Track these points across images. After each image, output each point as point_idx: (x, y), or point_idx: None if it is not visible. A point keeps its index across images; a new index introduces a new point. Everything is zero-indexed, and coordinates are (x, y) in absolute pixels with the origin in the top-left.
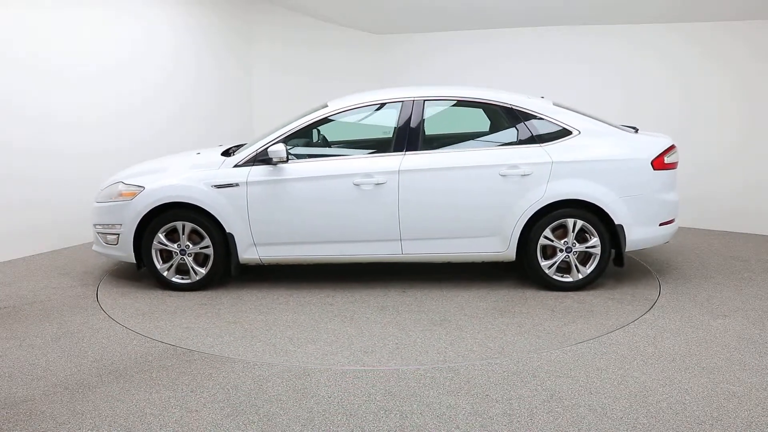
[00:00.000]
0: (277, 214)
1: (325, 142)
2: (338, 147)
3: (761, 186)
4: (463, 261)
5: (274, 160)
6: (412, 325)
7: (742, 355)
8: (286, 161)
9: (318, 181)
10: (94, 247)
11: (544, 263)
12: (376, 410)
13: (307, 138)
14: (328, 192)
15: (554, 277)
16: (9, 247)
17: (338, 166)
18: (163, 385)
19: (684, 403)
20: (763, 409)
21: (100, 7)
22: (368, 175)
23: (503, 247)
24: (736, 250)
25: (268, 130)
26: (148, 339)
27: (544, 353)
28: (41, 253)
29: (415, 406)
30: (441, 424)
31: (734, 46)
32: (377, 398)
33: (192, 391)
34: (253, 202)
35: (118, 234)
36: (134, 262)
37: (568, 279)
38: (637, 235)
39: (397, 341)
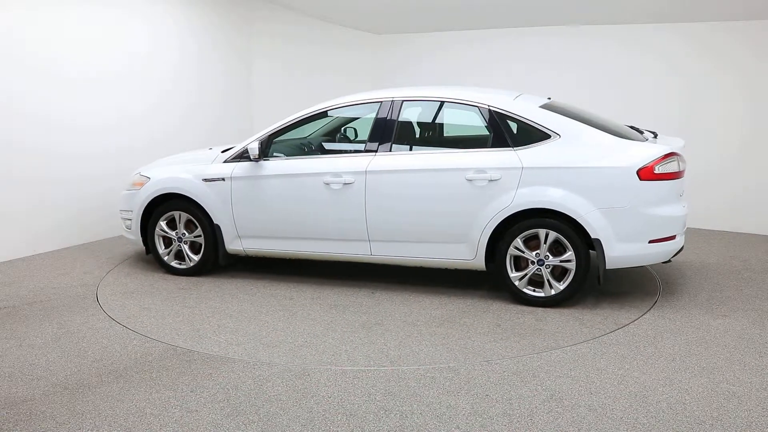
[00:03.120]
0: (256, 208)
1: (345, 140)
2: (325, 146)
3: (761, 186)
4: (432, 267)
5: (251, 157)
6: (340, 326)
7: (742, 355)
8: (260, 159)
9: (291, 178)
10: (122, 232)
11: (513, 275)
12: (376, 410)
13: (303, 136)
14: (301, 190)
15: (525, 290)
16: (9, 247)
17: (311, 164)
18: (163, 385)
19: (684, 403)
20: (763, 409)
21: (100, 5)
22: (337, 174)
23: (471, 255)
24: (736, 250)
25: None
26: (149, 339)
27: (544, 354)
28: (41, 253)
29: (415, 406)
30: (441, 424)
31: (734, 47)
32: (377, 398)
33: (192, 391)
34: (236, 196)
35: (131, 220)
36: (143, 246)
37: (540, 294)
38: (620, 252)
39: (307, 339)
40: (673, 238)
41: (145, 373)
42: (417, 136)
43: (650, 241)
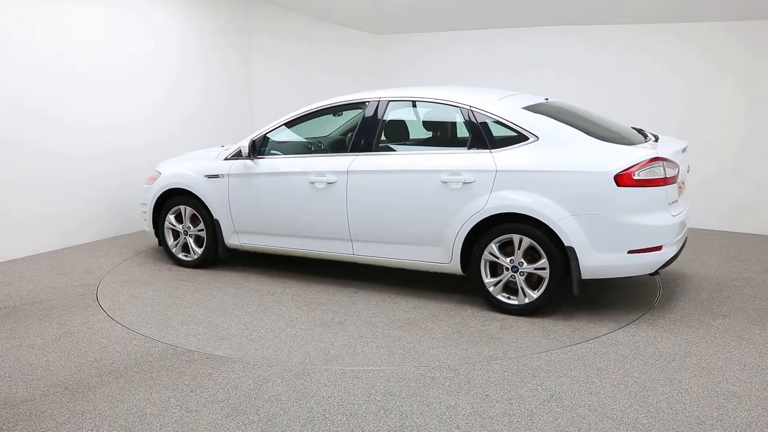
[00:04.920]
0: (249, 205)
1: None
2: (333, 145)
3: (762, 186)
4: (411, 268)
5: (243, 155)
6: (301, 323)
7: (742, 355)
8: (250, 157)
9: (280, 177)
10: (143, 224)
11: (488, 281)
12: (376, 410)
13: (322, 134)
14: (289, 188)
15: (499, 297)
16: (9, 247)
17: (299, 163)
18: (163, 385)
19: (684, 403)
20: (763, 409)
21: (100, 6)
22: (321, 174)
23: (447, 259)
24: (736, 250)
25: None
26: (148, 339)
27: (544, 354)
28: (41, 253)
29: (415, 406)
30: (441, 424)
31: (734, 47)
32: (377, 398)
33: (192, 391)
34: (232, 193)
35: (146, 212)
36: (156, 238)
37: (514, 301)
38: (596, 262)
39: (261, 334)
40: (658, 249)
41: (145, 373)
42: (399, 136)
43: (630, 252)
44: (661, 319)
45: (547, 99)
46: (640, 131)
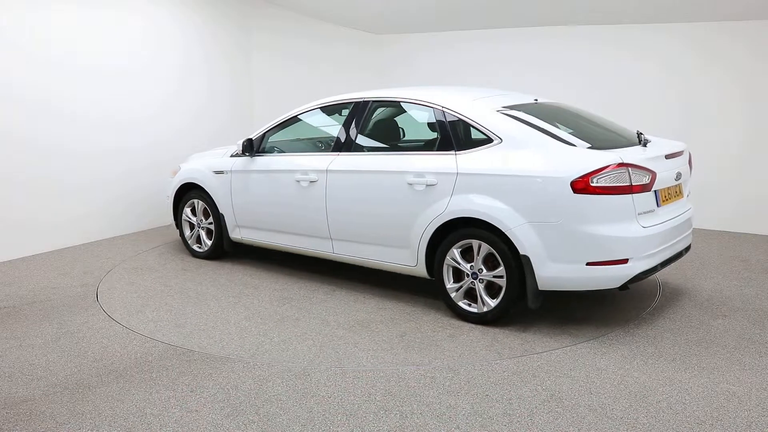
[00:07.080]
0: (247, 201)
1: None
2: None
3: (762, 186)
4: (384, 270)
5: (239, 153)
6: (260, 317)
7: (742, 355)
8: (244, 154)
9: (271, 174)
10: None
11: (450, 286)
12: (376, 410)
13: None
14: (278, 185)
15: (460, 303)
16: (9, 247)
17: (287, 161)
18: (163, 385)
19: (684, 403)
20: (763, 409)
21: (100, 7)
22: (305, 172)
23: (413, 262)
24: (736, 250)
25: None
26: (148, 339)
27: (544, 354)
28: (41, 253)
29: (415, 406)
30: (441, 424)
31: (734, 47)
32: (377, 398)
33: (192, 391)
34: (234, 189)
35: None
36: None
37: (474, 309)
38: (553, 272)
39: (213, 325)
40: (622, 262)
41: (145, 373)
42: (377, 137)
43: (589, 264)
44: (661, 319)
45: (536, 100)
46: (639, 135)
